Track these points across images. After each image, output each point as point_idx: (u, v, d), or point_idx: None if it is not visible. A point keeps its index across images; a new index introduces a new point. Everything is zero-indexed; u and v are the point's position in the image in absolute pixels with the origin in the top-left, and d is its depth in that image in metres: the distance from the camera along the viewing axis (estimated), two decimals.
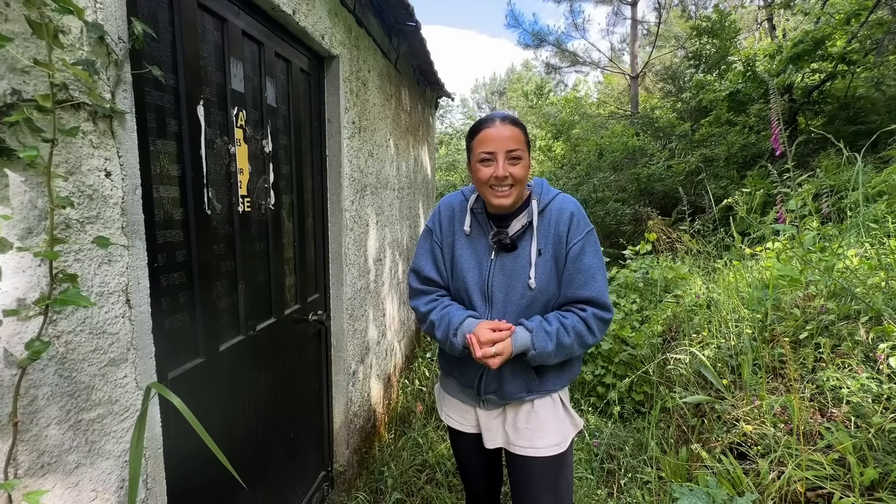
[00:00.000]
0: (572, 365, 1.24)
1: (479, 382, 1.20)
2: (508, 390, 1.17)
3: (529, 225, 1.15)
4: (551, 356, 1.09)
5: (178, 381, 1.04)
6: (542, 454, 1.18)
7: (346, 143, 1.92)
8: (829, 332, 1.87)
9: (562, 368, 1.20)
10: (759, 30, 10.59)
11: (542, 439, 1.19)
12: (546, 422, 1.19)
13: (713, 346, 2.13)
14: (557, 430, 1.20)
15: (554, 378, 1.19)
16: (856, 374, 1.61)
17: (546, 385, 1.19)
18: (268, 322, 1.45)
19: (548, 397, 1.21)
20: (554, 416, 1.20)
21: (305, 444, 1.78)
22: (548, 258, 1.13)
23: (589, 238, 1.14)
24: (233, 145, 1.22)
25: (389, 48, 2.62)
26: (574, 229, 1.13)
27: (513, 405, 1.22)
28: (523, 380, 1.17)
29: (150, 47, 0.94)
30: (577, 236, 1.13)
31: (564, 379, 1.22)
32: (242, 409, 1.33)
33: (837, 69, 6.76)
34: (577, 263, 1.12)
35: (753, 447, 1.64)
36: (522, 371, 1.16)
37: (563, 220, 1.13)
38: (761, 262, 2.80)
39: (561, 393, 1.23)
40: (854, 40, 6.62)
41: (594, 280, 1.12)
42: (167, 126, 0.99)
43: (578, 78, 16.17)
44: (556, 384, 1.20)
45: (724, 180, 6.61)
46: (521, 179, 1.11)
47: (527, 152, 1.14)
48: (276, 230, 1.48)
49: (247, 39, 1.29)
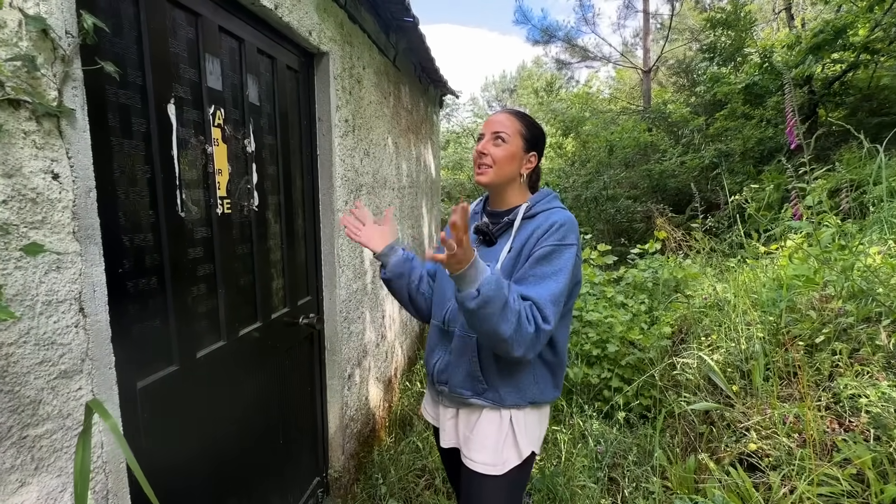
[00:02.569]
0: (527, 382, 1.13)
1: (434, 370, 1.21)
2: (454, 381, 1.16)
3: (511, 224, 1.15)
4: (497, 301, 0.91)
5: (148, 390, 1.00)
6: (477, 469, 1.14)
7: (338, 141, 1.88)
8: (847, 335, 1.76)
9: (513, 380, 1.12)
10: (777, 20, 10.27)
11: (479, 453, 1.15)
12: (487, 437, 1.14)
13: (723, 350, 2.03)
14: (495, 451, 1.14)
15: (503, 387, 1.12)
16: (876, 381, 1.51)
17: (493, 394, 1.13)
18: (253, 326, 1.41)
19: (497, 412, 1.14)
20: (497, 434, 1.14)
21: (297, 449, 1.74)
22: (513, 256, 1.10)
23: (562, 251, 1.04)
24: (210, 145, 1.18)
25: (387, 45, 2.57)
26: (550, 235, 1.06)
27: (465, 410, 1.19)
28: (467, 373, 1.13)
29: (113, 43, 0.90)
30: (550, 242, 1.05)
31: (514, 394, 1.12)
32: (225, 415, 1.29)
33: (860, 59, 6.49)
34: (535, 265, 1.04)
35: (765, 458, 1.55)
36: (466, 362, 1.13)
37: (544, 225, 1.08)
38: (777, 261, 2.67)
39: (515, 413, 1.15)
40: (878, 28, 6.35)
41: (544, 287, 1.01)
42: (133, 126, 0.95)
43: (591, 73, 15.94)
44: (506, 398, 1.12)
45: (739, 175, 6.40)
46: (498, 160, 1.13)
47: (516, 141, 1.14)
48: (261, 232, 1.44)
49: (225, 35, 1.25)
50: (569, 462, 2.21)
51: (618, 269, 3.46)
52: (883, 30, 6.42)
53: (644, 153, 8.22)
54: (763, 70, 6.96)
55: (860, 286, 1.91)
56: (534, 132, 1.17)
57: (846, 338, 1.76)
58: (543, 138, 1.21)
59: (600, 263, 3.51)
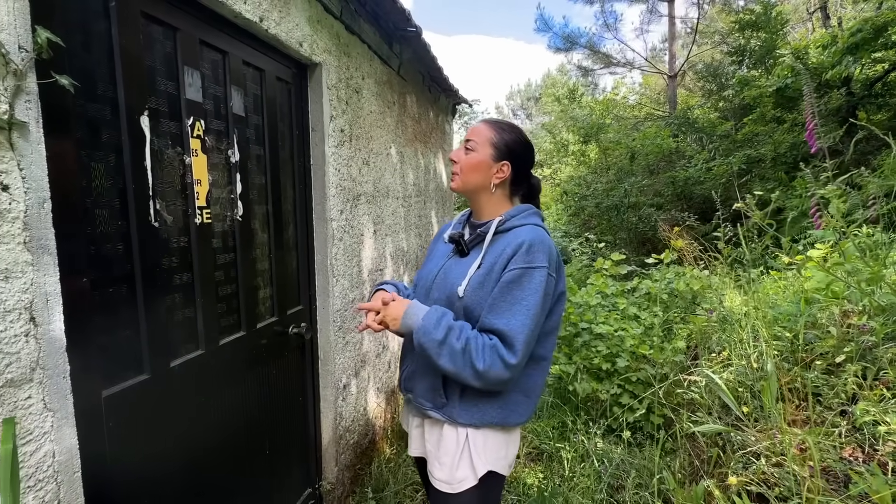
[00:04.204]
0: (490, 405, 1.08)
1: (402, 377, 1.21)
2: (417, 390, 1.15)
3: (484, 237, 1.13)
4: (434, 346, 1.00)
5: (115, 399, 1.00)
6: (435, 485, 1.12)
7: (333, 151, 1.88)
8: (871, 355, 1.61)
9: (474, 399, 1.08)
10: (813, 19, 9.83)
11: (438, 470, 1.12)
12: (445, 455, 1.11)
13: (734, 368, 1.90)
14: (451, 469, 1.10)
15: (460, 406, 1.08)
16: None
17: (452, 411, 1.09)
18: (235, 336, 1.42)
19: (458, 429, 1.10)
20: (454, 451, 1.11)
21: (286, 460, 1.73)
22: (482, 272, 1.07)
23: (531, 274, 1.01)
24: (188, 156, 1.20)
25: (389, 55, 2.59)
26: (519, 257, 1.03)
27: (428, 422, 1.17)
28: (430, 385, 1.11)
29: (80, 58, 0.92)
30: (519, 265, 1.02)
31: (472, 413, 1.08)
32: (205, 424, 1.29)
33: None
34: (505, 290, 1.02)
35: (775, 488, 1.43)
36: (429, 373, 1.11)
37: (513, 244, 1.05)
38: (801, 273, 2.50)
39: (472, 432, 1.10)
40: None
41: (513, 316, 0.99)
42: (102, 137, 0.97)
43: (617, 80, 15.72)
44: (463, 416, 1.08)
45: (770, 182, 6.11)
46: (463, 168, 1.14)
47: (485, 149, 1.13)
48: (245, 241, 1.45)
49: (206, 48, 1.27)
50: (571, 482, 2.11)
51: (631, 280, 3.33)
52: None
53: (669, 160, 7.97)
54: (794, 73, 6.64)
55: (889, 300, 1.75)
56: (507, 141, 1.13)
57: (871, 357, 1.61)
58: (522, 148, 1.15)
59: (614, 273, 3.39)
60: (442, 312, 1.04)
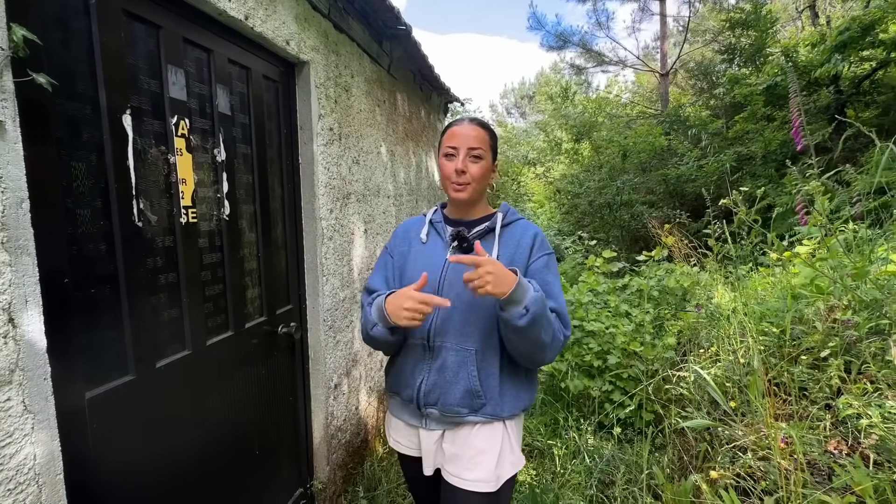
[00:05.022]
0: (531, 386, 1.16)
1: (418, 392, 1.10)
2: (448, 401, 1.06)
3: (491, 231, 1.14)
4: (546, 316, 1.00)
5: (99, 400, 1.00)
6: (469, 488, 1.05)
7: (322, 150, 1.88)
8: (856, 349, 1.63)
9: (513, 388, 1.09)
10: (801, 19, 9.92)
11: (472, 471, 1.06)
12: (482, 454, 1.06)
13: (722, 363, 1.92)
14: (490, 466, 1.06)
15: (501, 399, 1.07)
16: (884, 400, 1.39)
17: (493, 407, 1.06)
18: (223, 336, 1.41)
19: (494, 424, 1.09)
20: (493, 447, 1.07)
21: (276, 460, 1.72)
22: (505, 263, 1.06)
23: (552, 259, 1.15)
24: (172, 155, 1.19)
25: (380, 53, 2.58)
26: (538, 247, 1.14)
27: (453, 429, 1.10)
28: (465, 391, 1.05)
29: (59, 56, 0.91)
30: (542, 252, 1.14)
31: (513, 403, 1.09)
32: (192, 425, 1.28)
33: (890, 56, 6.18)
34: (543, 274, 1.10)
35: (761, 482, 1.44)
36: (464, 378, 1.05)
37: (527, 235, 1.15)
38: (788, 269, 2.53)
39: (512, 423, 1.10)
40: None
41: (559, 295, 1.10)
42: (84, 137, 0.96)
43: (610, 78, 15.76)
44: (507, 408, 1.07)
45: (761, 179, 6.16)
46: (477, 178, 1.11)
47: (490, 156, 1.14)
48: (233, 241, 1.44)
49: (190, 46, 1.26)
50: (562, 478, 2.12)
51: (623, 277, 3.35)
52: None
53: (661, 158, 8.01)
54: (783, 70, 6.70)
55: (872, 296, 1.77)
56: (495, 141, 1.17)
57: (855, 351, 1.64)
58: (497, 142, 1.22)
59: (605, 271, 3.41)
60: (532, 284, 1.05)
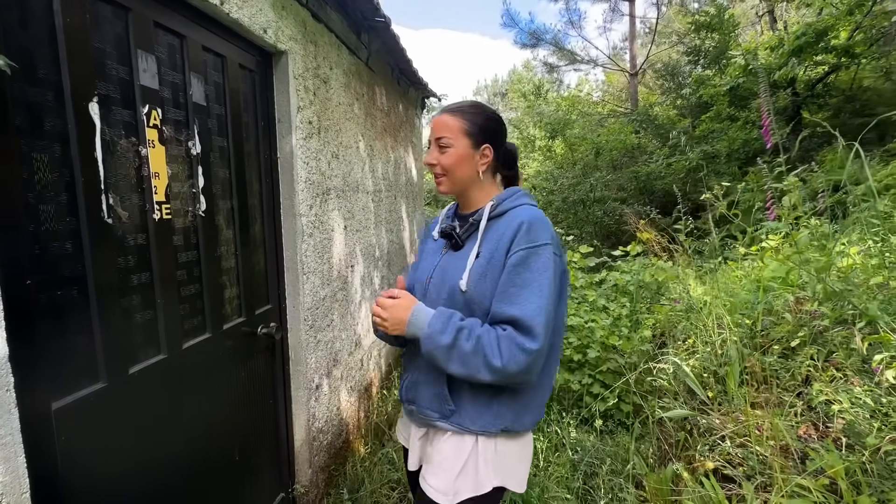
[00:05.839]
0: (502, 406, 1.00)
1: (402, 388, 1.13)
2: (421, 401, 1.07)
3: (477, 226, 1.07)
4: (443, 353, 0.93)
5: (67, 410, 0.92)
6: (428, 493, 1.02)
7: (301, 144, 1.81)
8: (822, 338, 1.72)
9: (486, 402, 0.99)
10: (761, 23, 10.38)
11: (433, 477, 1.03)
12: (445, 461, 1.02)
13: (699, 355, 1.98)
14: (449, 478, 1.01)
15: (473, 410, 1.00)
16: (851, 386, 1.46)
17: (461, 418, 1.01)
18: (201, 338, 1.34)
19: (464, 437, 1.02)
20: (455, 459, 1.01)
21: (256, 465, 1.66)
22: (482, 262, 1.00)
23: (538, 253, 0.95)
24: (144, 147, 1.11)
25: (358, 45, 2.52)
26: (520, 237, 0.97)
27: (433, 430, 1.09)
28: (434, 394, 1.03)
29: (20, 37, 0.83)
30: (522, 245, 0.96)
31: (485, 419, 0.99)
32: (168, 432, 1.21)
33: (841, 61, 6.55)
34: (513, 275, 0.95)
35: (738, 468, 1.50)
36: (434, 381, 1.04)
37: (511, 227, 0.99)
38: (755, 263, 2.64)
39: (484, 441, 1.01)
40: (858, 31, 6.41)
41: (527, 300, 0.92)
42: (45, 126, 0.88)
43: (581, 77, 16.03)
44: (476, 422, 1.00)
45: (725, 177, 6.42)
46: (448, 167, 1.06)
47: (462, 141, 1.05)
48: (209, 238, 1.37)
49: (162, 31, 1.18)
50: (546, 471, 2.14)
51: (600, 272, 3.41)
52: (863, 32, 6.49)
53: (632, 155, 8.22)
54: (746, 72, 7.00)
55: (834, 288, 1.87)
56: (480, 123, 1.06)
57: (822, 341, 1.72)
58: (494, 123, 1.09)
59: (582, 266, 3.46)
60: (449, 314, 0.97)
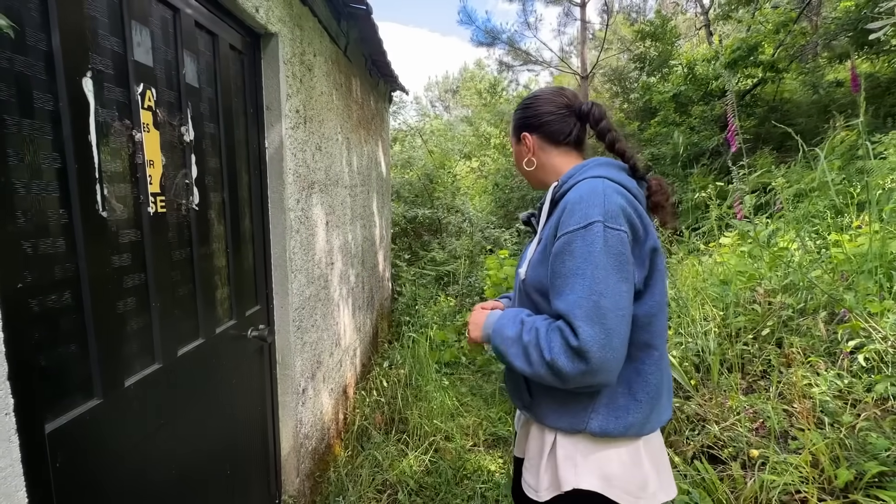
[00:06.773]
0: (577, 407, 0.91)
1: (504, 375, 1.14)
2: (509, 388, 1.09)
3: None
4: (507, 346, 0.90)
5: (61, 433, 0.80)
6: (523, 486, 1.03)
7: (290, 133, 1.70)
8: (787, 327, 1.89)
9: (560, 400, 0.93)
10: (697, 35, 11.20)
11: (526, 470, 1.04)
12: (533, 457, 1.02)
13: (682, 346, 2.11)
14: (536, 472, 1.00)
15: (546, 405, 0.96)
16: (818, 370, 1.62)
17: (537, 411, 0.98)
18: (194, 344, 1.22)
19: (547, 432, 0.99)
20: (538, 455, 1.00)
21: (245, 477, 1.55)
22: (541, 248, 0.95)
23: (582, 235, 0.83)
24: (138, 131, 0.99)
25: (338, 32, 2.40)
26: (564, 221, 0.87)
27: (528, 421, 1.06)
28: (515, 383, 1.04)
29: None
30: (565, 229, 0.86)
31: (560, 417, 0.93)
32: (162, 449, 1.09)
33: (766, 76, 7.24)
34: (556, 264, 0.86)
35: (724, 449, 1.61)
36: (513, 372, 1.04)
37: (560, 207, 0.91)
38: (716, 258, 2.85)
39: (561, 438, 0.94)
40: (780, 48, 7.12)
41: (570, 290, 0.82)
42: (35, 102, 0.75)
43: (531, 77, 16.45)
44: (549, 418, 0.95)
45: (670, 178, 6.88)
46: (518, 170, 1.15)
47: (512, 142, 1.13)
48: (202, 234, 1.25)
49: (156, 2, 1.05)
50: None
51: None
52: (785, 50, 7.21)
53: None
54: (687, 80, 7.54)
55: (791, 280, 2.06)
56: (514, 119, 1.11)
57: (787, 329, 1.89)
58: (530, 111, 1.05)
59: None
60: (517, 311, 0.95)
